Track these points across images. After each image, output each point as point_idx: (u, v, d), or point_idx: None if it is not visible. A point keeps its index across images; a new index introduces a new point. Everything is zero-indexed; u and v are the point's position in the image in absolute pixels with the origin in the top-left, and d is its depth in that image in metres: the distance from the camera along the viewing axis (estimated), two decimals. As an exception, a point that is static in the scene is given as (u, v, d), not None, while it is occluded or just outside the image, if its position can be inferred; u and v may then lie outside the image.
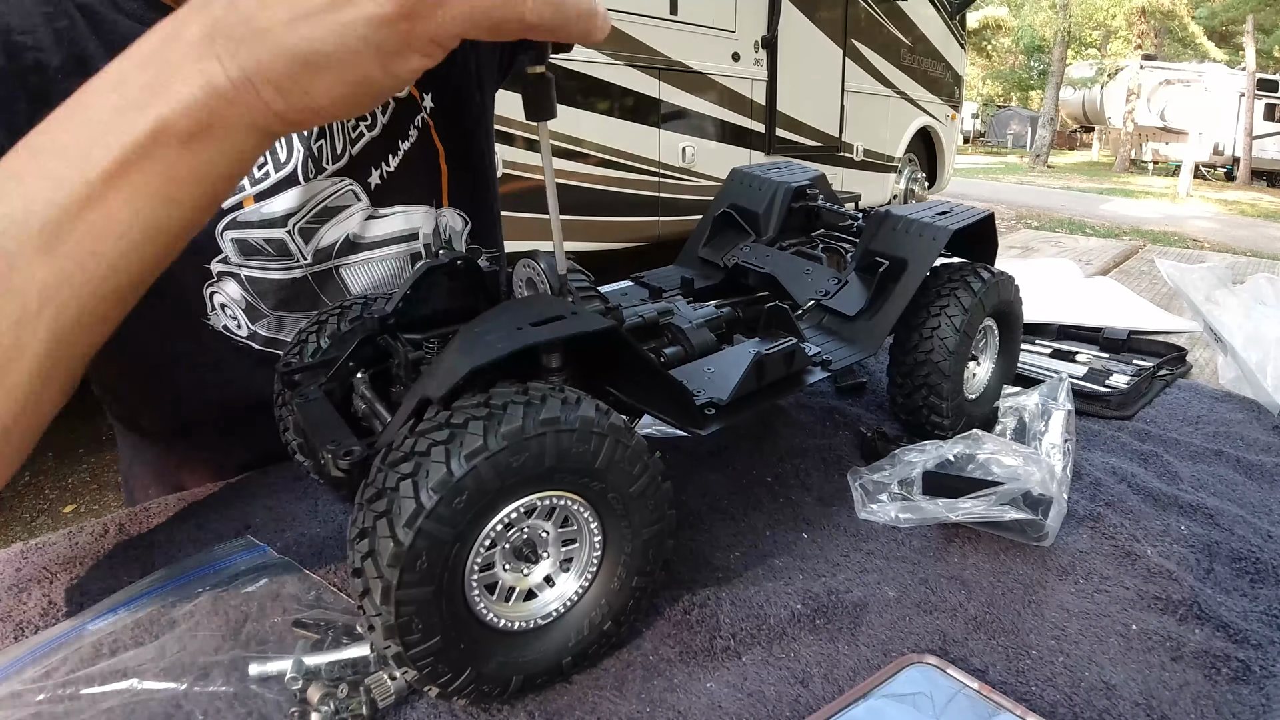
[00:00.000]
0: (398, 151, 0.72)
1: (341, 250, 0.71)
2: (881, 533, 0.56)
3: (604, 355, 0.46)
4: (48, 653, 0.42)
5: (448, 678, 0.37)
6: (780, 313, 0.59)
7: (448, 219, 0.77)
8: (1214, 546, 0.55)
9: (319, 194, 0.68)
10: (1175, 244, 7.33)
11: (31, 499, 2.56)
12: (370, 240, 0.72)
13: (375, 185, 0.71)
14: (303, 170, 0.67)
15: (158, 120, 0.35)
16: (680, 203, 3.60)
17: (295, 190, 0.67)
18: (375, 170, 0.71)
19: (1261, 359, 0.81)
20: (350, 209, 0.70)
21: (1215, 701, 0.42)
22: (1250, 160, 15.75)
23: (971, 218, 0.68)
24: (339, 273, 0.71)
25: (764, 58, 3.93)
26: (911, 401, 0.66)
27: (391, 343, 0.50)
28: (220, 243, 0.65)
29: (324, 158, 0.68)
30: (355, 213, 0.71)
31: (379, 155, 0.71)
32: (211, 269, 0.66)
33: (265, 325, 0.69)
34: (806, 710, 0.40)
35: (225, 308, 0.68)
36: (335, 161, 0.69)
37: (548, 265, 0.49)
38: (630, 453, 0.40)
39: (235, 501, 0.60)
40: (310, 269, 0.69)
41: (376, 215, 0.72)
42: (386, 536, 0.34)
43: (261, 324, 0.69)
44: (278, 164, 0.66)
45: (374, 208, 0.72)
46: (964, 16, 6.02)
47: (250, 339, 0.69)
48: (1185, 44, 19.54)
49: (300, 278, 0.69)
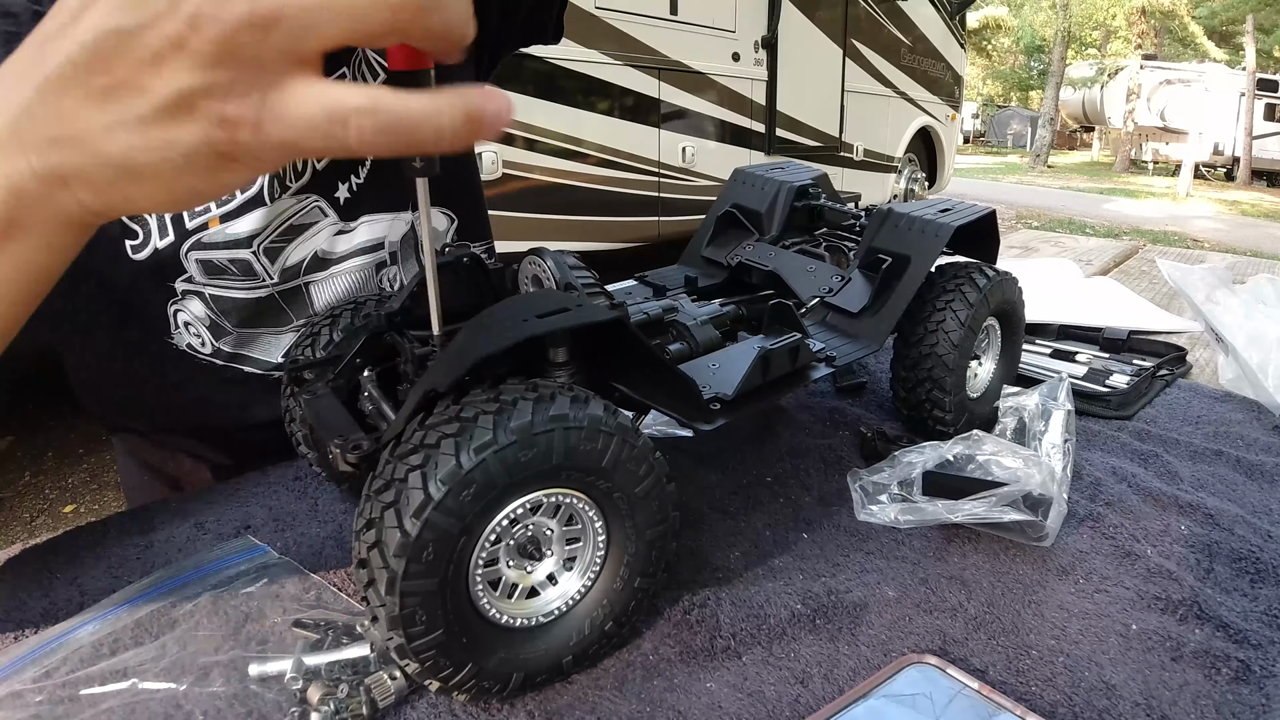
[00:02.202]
0: (365, 161, 0.71)
1: (310, 267, 0.70)
2: (881, 533, 0.56)
3: (610, 349, 0.46)
4: (48, 653, 0.42)
5: (449, 672, 0.37)
6: (784, 309, 0.59)
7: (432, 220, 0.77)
8: (1214, 546, 0.55)
9: (284, 212, 0.67)
10: (1175, 244, 7.33)
11: (31, 499, 2.56)
12: (339, 254, 0.71)
13: (344, 200, 0.70)
14: (268, 191, 0.65)
15: None
16: (680, 203, 3.60)
17: (260, 211, 0.66)
18: (343, 184, 0.70)
19: (1263, 359, 0.81)
20: (317, 225, 0.69)
21: (1215, 701, 0.42)
22: (1250, 160, 15.75)
23: (974, 214, 0.68)
24: (307, 289, 0.70)
25: (764, 58, 3.92)
26: (914, 396, 0.66)
27: (398, 339, 0.50)
28: (185, 263, 0.65)
29: (287, 175, 0.67)
30: (323, 228, 0.70)
31: (346, 169, 0.70)
32: (176, 287, 0.65)
33: (229, 342, 0.69)
34: (806, 710, 0.40)
35: (189, 325, 0.67)
36: (298, 178, 0.67)
37: (553, 262, 0.49)
38: (637, 453, 0.40)
39: (235, 501, 0.60)
40: (276, 288, 0.68)
41: (345, 229, 0.71)
42: (394, 527, 0.34)
43: (225, 340, 0.69)
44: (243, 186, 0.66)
45: (343, 222, 0.71)
46: (964, 16, 6.02)
47: (214, 355, 0.69)
48: (1185, 44, 19.54)
49: (266, 296, 0.68)
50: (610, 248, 3.37)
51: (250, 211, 0.65)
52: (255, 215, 0.65)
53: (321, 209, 0.69)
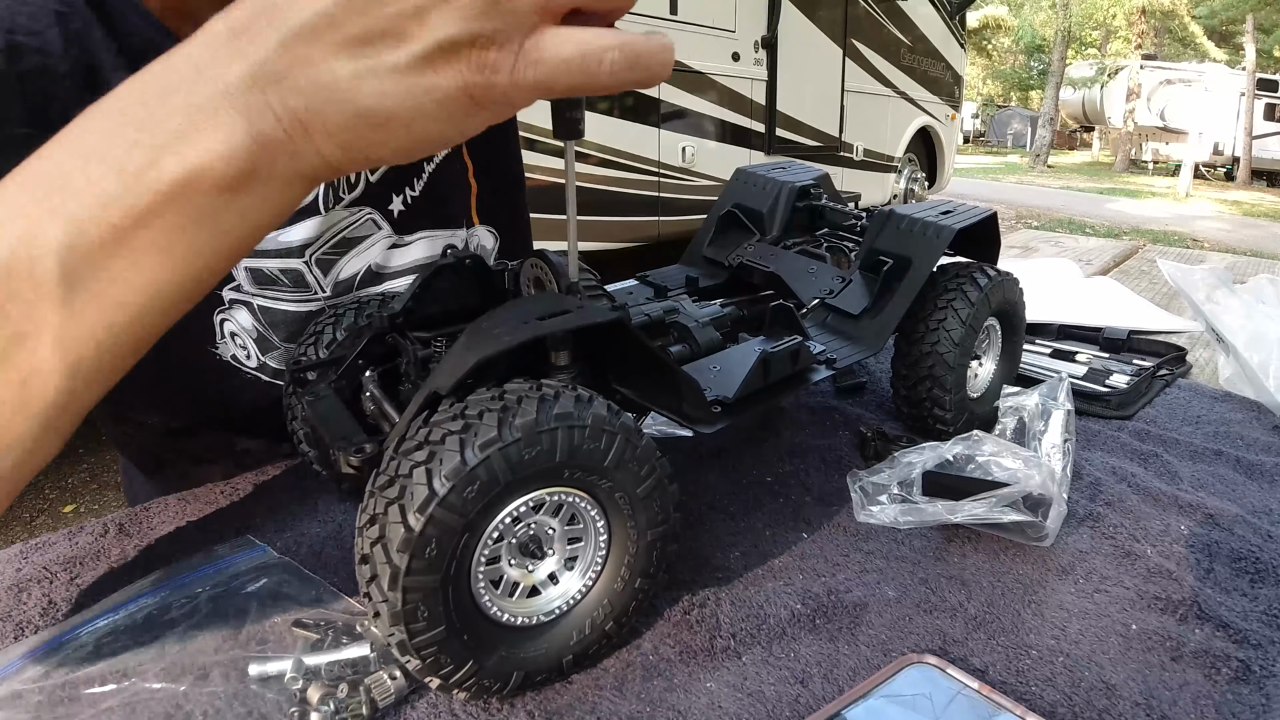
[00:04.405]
0: (422, 174, 0.70)
1: (363, 282, 0.68)
2: (881, 533, 0.56)
3: (611, 351, 0.46)
4: (48, 653, 0.42)
5: (449, 669, 0.37)
6: (785, 311, 0.59)
7: (479, 238, 0.74)
8: (1214, 546, 0.55)
9: (337, 224, 0.66)
10: (1175, 244, 7.33)
11: (31, 499, 2.57)
12: (394, 270, 0.69)
13: (398, 212, 0.68)
14: (323, 200, 0.64)
15: (193, 165, 0.32)
16: (680, 203, 3.60)
17: (314, 220, 0.64)
18: (397, 197, 0.68)
19: (1264, 359, 0.81)
20: (371, 238, 0.68)
21: (1215, 701, 0.42)
22: (1250, 160, 15.75)
23: (975, 217, 0.68)
24: None
25: (764, 58, 3.92)
26: (915, 395, 0.66)
27: (401, 341, 0.50)
28: (235, 270, 0.63)
29: (340, 186, 0.65)
30: (377, 242, 0.68)
31: (401, 181, 0.68)
32: (223, 295, 0.63)
33: (275, 357, 0.67)
34: (806, 710, 0.40)
35: (235, 336, 0.65)
36: (350, 190, 0.66)
37: (555, 264, 0.49)
38: (640, 453, 0.40)
39: (235, 501, 0.60)
40: (329, 301, 0.66)
41: (401, 243, 0.69)
42: (397, 522, 0.34)
43: (271, 355, 0.66)
44: None
45: (398, 235, 0.69)
46: (964, 16, 6.02)
47: (259, 370, 0.67)
48: (1185, 44, 19.55)
49: (318, 311, 0.64)
50: (610, 248, 3.37)
51: (304, 220, 0.64)
52: (309, 224, 0.64)
53: (375, 221, 0.68)
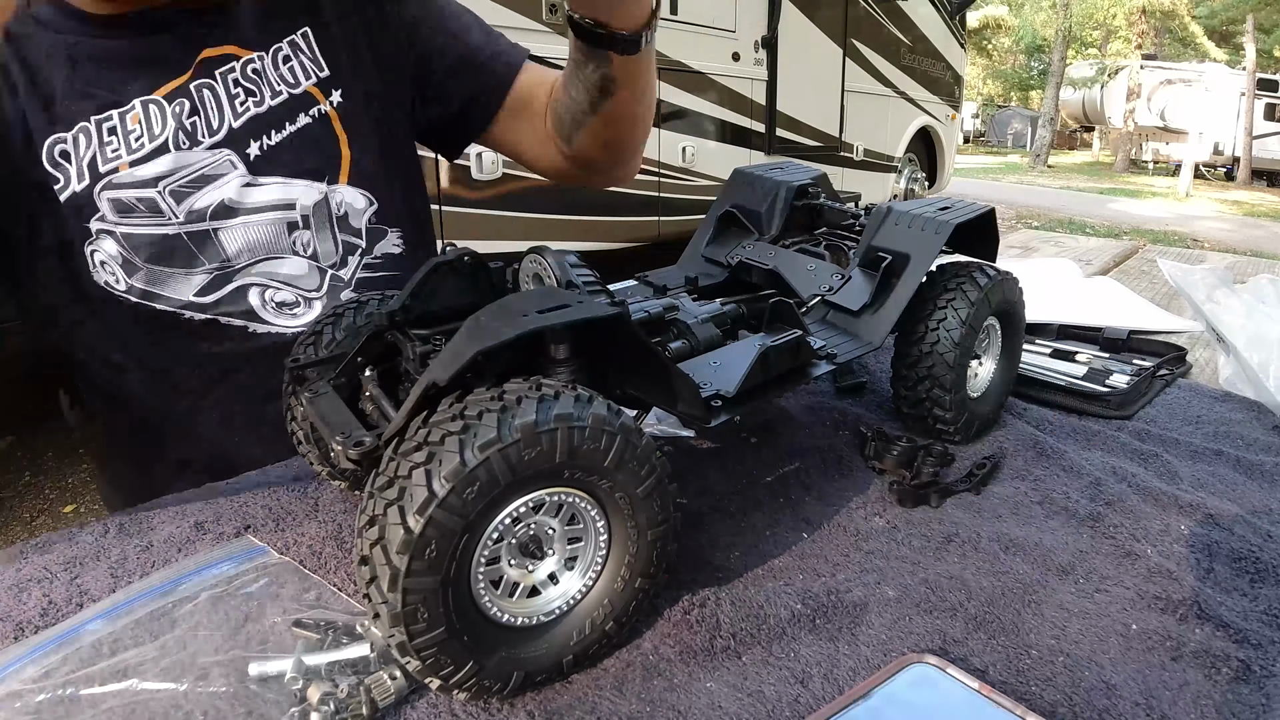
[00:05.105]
0: (282, 129, 0.79)
1: (217, 213, 0.76)
2: (881, 533, 0.56)
3: (610, 347, 0.46)
4: (48, 653, 0.42)
5: (449, 670, 0.37)
6: (785, 307, 0.59)
7: (343, 195, 0.83)
8: (1214, 546, 0.55)
9: (194, 163, 0.75)
10: (1175, 243, 7.33)
11: (31, 499, 2.56)
12: (248, 206, 0.78)
13: (254, 156, 0.78)
14: (173, 140, 0.74)
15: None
16: (680, 202, 3.59)
17: (167, 158, 0.74)
18: (255, 142, 0.78)
19: (1264, 359, 0.81)
20: (226, 176, 0.77)
21: (1215, 701, 0.42)
22: (1250, 160, 15.74)
23: (972, 212, 0.68)
24: (216, 234, 0.77)
25: (764, 58, 3.92)
26: (915, 394, 0.66)
27: (399, 338, 0.50)
28: (98, 202, 0.73)
29: (198, 131, 0.76)
30: (232, 179, 0.77)
31: (261, 130, 0.78)
32: (91, 227, 0.74)
33: (141, 278, 0.75)
34: (806, 710, 0.40)
35: (105, 264, 0.75)
36: (212, 135, 0.76)
37: (554, 260, 0.49)
38: (639, 452, 0.40)
39: (235, 501, 0.60)
40: (184, 227, 0.75)
41: (255, 183, 0.78)
42: (397, 523, 0.34)
43: (137, 277, 0.75)
44: (152, 135, 0.74)
45: (252, 176, 0.78)
46: (964, 16, 6.01)
47: (128, 292, 0.75)
48: (1185, 44, 19.54)
49: (174, 234, 0.75)
50: (610, 247, 3.36)
51: (157, 158, 0.74)
52: (162, 161, 0.74)
53: (232, 162, 0.77)
